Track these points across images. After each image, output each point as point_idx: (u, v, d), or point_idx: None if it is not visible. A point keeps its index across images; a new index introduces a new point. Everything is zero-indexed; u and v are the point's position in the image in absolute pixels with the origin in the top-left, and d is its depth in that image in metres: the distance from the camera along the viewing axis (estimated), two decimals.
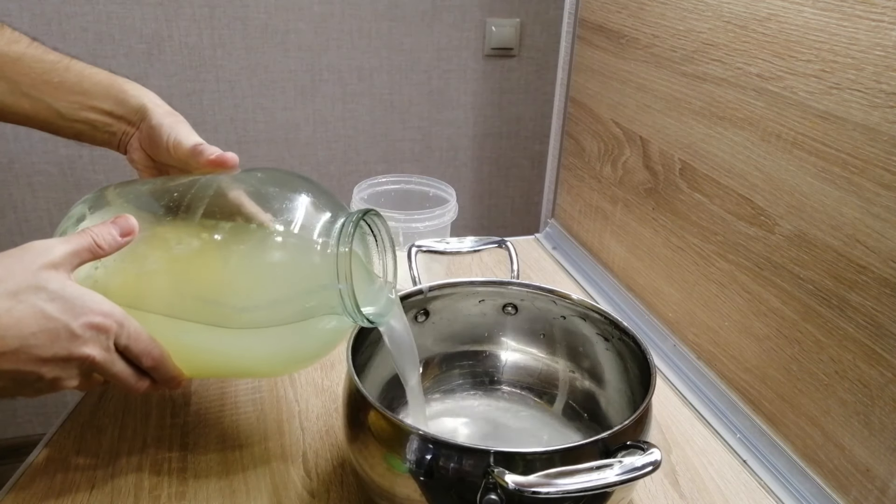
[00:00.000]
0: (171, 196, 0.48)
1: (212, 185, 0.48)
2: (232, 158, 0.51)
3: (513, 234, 0.99)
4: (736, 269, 0.62)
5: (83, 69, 0.55)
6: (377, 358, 0.55)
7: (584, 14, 0.85)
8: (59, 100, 0.54)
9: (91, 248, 0.43)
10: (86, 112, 0.54)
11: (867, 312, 0.49)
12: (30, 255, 0.41)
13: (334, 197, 0.49)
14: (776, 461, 0.57)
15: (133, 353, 0.44)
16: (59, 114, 0.54)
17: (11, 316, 0.39)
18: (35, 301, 0.39)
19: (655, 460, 0.39)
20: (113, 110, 0.54)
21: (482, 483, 0.39)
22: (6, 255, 0.40)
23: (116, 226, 0.44)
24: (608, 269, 0.86)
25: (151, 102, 0.55)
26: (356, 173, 1.53)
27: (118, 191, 0.51)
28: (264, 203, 0.46)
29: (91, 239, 0.43)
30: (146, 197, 0.49)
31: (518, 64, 1.55)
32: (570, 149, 0.94)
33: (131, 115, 0.55)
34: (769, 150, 0.57)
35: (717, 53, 0.61)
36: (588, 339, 0.58)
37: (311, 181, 0.49)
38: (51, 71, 0.53)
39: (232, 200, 0.47)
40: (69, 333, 0.40)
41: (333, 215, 0.46)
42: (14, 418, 1.52)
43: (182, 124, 0.54)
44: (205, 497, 0.51)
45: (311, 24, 1.37)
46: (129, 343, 0.43)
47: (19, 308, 0.39)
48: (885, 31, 0.45)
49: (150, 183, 0.52)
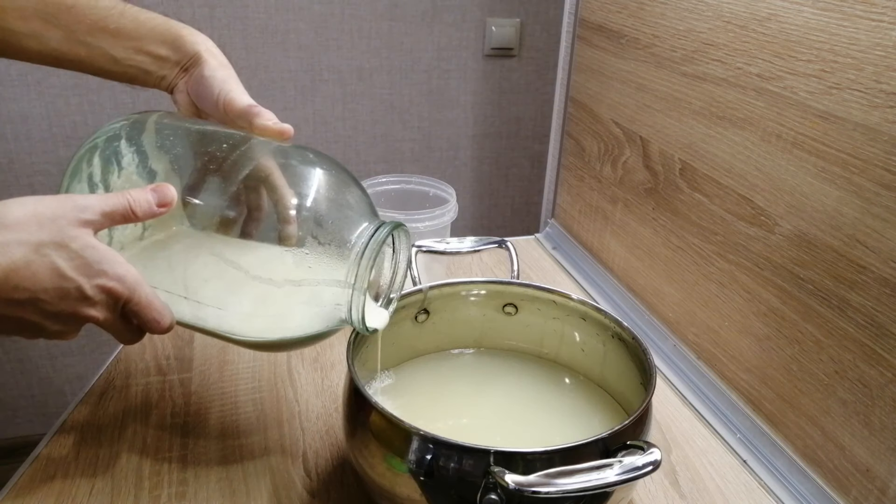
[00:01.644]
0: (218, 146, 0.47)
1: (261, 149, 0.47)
2: (289, 130, 0.51)
3: (513, 234, 0.99)
4: (736, 269, 0.62)
5: (138, 14, 0.54)
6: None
7: (584, 14, 0.85)
8: (115, 46, 0.53)
9: (126, 213, 0.43)
10: (141, 56, 0.54)
11: (867, 312, 0.49)
12: (63, 209, 0.41)
13: (370, 200, 0.49)
14: (776, 461, 0.57)
15: (140, 318, 0.44)
16: (114, 60, 0.54)
17: (29, 268, 0.39)
18: (55, 258, 0.40)
19: (655, 460, 0.39)
20: (168, 56, 0.54)
21: (482, 483, 0.39)
22: (41, 202, 0.41)
23: (156, 194, 0.44)
24: (608, 269, 0.86)
25: (207, 51, 0.54)
26: (356, 173, 1.52)
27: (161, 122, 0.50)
28: (308, 185, 0.46)
29: (128, 203, 0.43)
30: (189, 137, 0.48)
31: (518, 64, 1.55)
32: (570, 149, 0.94)
33: (184, 61, 0.54)
34: (769, 150, 0.57)
35: (717, 53, 0.61)
36: (588, 339, 0.58)
37: (355, 178, 0.49)
38: (106, 17, 0.53)
39: (276, 172, 0.46)
40: (80, 293, 0.41)
41: (369, 220, 0.47)
42: (14, 418, 1.52)
43: (234, 80, 0.54)
44: (205, 497, 0.51)
45: (311, 24, 1.37)
46: (139, 310, 0.44)
47: (38, 261, 0.39)
48: (885, 31, 0.45)
49: (197, 124, 0.51)
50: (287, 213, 0.46)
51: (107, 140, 0.48)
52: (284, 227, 0.45)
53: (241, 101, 0.52)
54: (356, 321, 0.46)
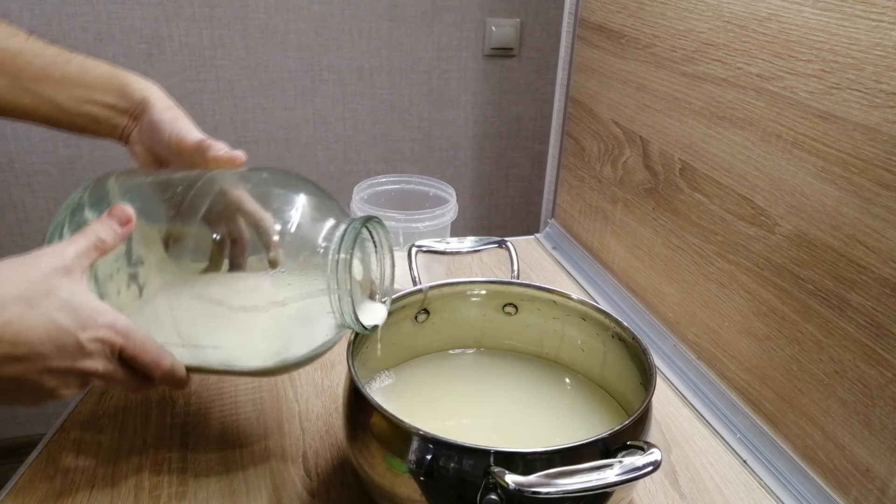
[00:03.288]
0: (174, 191, 0.47)
1: (216, 182, 0.48)
2: (240, 157, 0.51)
3: (513, 234, 0.99)
4: (736, 269, 0.62)
5: (84, 62, 0.54)
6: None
7: (584, 14, 0.85)
8: (60, 94, 0.53)
9: (96, 245, 0.43)
10: (88, 105, 0.54)
11: (867, 312, 0.48)
12: (42, 261, 0.41)
13: (337, 202, 0.49)
14: (776, 461, 0.57)
15: (139, 363, 0.44)
16: (60, 108, 0.53)
17: (23, 322, 0.39)
18: (47, 308, 0.39)
19: (655, 460, 0.38)
20: (115, 103, 0.54)
21: (482, 483, 0.39)
22: (20, 261, 0.40)
23: (113, 217, 0.44)
24: (608, 269, 0.86)
25: (154, 95, 0.54)
26: (356, 173, 1.53)
27: (119, 181, 0.50)
28: (267, 204, 0.46)
29: (94, 236, 0.43)
30: (147, 189, 0.49)
31: (518, 64, 1.55)
32: (570, 149, 0.94)
33: (133, 108, 0.54)
34: (769, 150, 0.57)
35: (717, 53, 0.61)
36: (588, 339, 0.58)
37: (315, 185, 0.49)
38: (52, 65, 0.53)
39: (234, 200, 0.47)
40: (77, 346, 0.40)
41: (336, 221, 0.46)
42: (14, 418, 1.52)
43: (183, 119, 0.54)
44: (205, 497, 0.51)
45: (311, 24, 1.37)
46: (136, 355, 0.43)
47: (31, 314, 0.39)
48: (885, 31, 0.45)
49: (152, 175, 0.51)
50: (253, 239, 0.46)
51: (71, 213, 0.49)
52: (254, 252, 0.46)
53: (190, 138, 0.52)
54: (351, 323, 0.46)
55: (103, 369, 0.42)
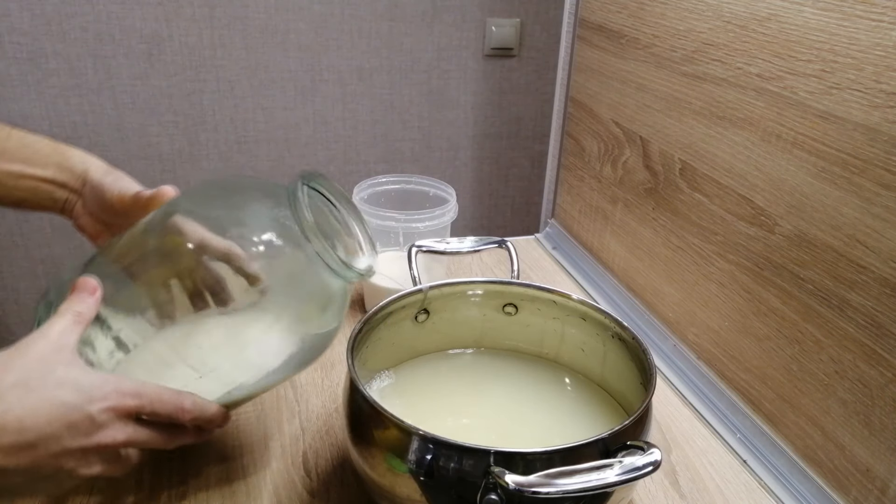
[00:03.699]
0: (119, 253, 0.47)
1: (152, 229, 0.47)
2: (167, 191, 0.51)
3: (513, 234, 0.99)
4: (736, 269, 0.62)
5: (24, 136, 0.54)
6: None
7: (584, 14, 0.85)
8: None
9: (76, 319, 0.42)
10: (26, 180, 0.54)
11: (867, 312, 0.49)
12: (32, 347, 0.39)
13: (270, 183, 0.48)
14: (776, 461, 0.57)
15: (163, 415, 0.42)
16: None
17: (24, 407, 0.37)
18: (47, 389, 0.38)
19: (655, 460, 0.38)
20: (55, 177, 0.54)
21: (482, 483, 0.39)
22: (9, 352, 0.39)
23: (81, 291, 0.43)
24: (608, 269, 0.86)
25: (93, 165, 0.54)
26: (356, 173, 1.53)
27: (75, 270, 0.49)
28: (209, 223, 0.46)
29: (70, 311, 0.42)
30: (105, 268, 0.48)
31: (518, 64, 1.55)
32: (570, 149, 0.94)
33: (74, 181, 0.54)
34: (769, 150, 0.57)
35: (717, 53, 0.61)
36: (588, 339, 0.58)
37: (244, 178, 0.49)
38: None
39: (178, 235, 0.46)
40: (87, 420, 0.39)
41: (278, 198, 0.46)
42: None
43: (124, 179, 0.54)
44: (205, 497, 0.51)
45: (311, 24, 1.37)
46: (155, 408, 0.41)
47: (32, 398, 0.37)
48: (885, 31, 0.45)
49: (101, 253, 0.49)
50: (229, 274, 0.45)
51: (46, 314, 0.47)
52: (237, 283, 0.45)
53: (130, 191, 0.52)
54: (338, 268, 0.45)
55: (123, 437, 0.40)
